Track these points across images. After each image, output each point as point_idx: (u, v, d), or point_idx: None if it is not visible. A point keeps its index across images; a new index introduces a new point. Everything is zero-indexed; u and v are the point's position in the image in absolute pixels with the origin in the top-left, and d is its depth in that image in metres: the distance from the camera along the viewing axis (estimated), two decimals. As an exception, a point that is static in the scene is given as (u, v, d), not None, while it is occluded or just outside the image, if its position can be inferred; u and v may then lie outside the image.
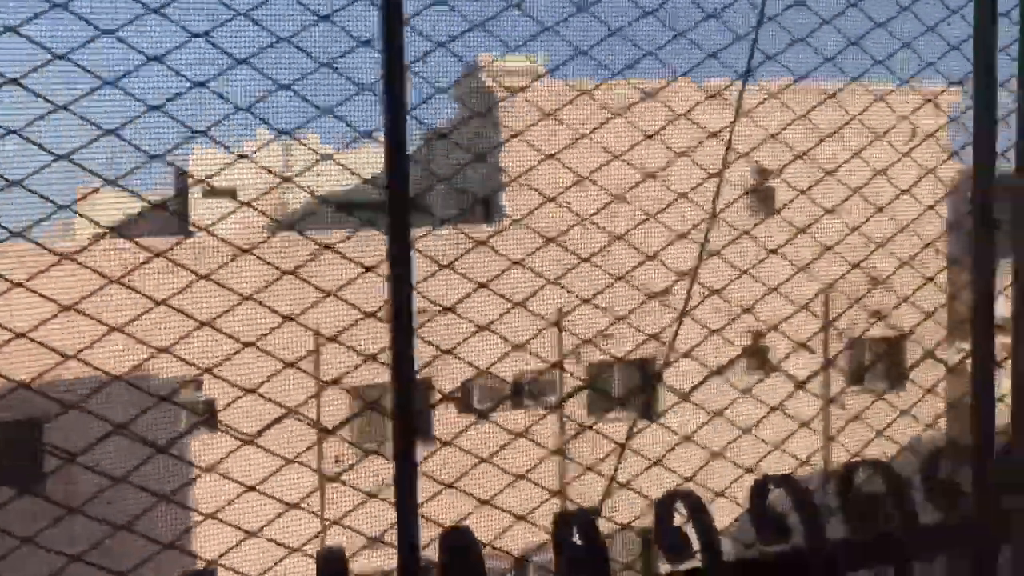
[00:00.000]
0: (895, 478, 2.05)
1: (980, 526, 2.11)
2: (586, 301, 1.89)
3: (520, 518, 1.89)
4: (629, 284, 2.40)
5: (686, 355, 2.17)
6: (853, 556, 1.98)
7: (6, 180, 1.20)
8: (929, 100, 2.56)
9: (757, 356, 14.61)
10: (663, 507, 1.92)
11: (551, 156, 1.71)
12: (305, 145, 1.96)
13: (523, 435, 1.91)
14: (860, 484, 2.14)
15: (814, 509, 1.95)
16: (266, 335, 1.57)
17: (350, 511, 1.76)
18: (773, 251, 2.23)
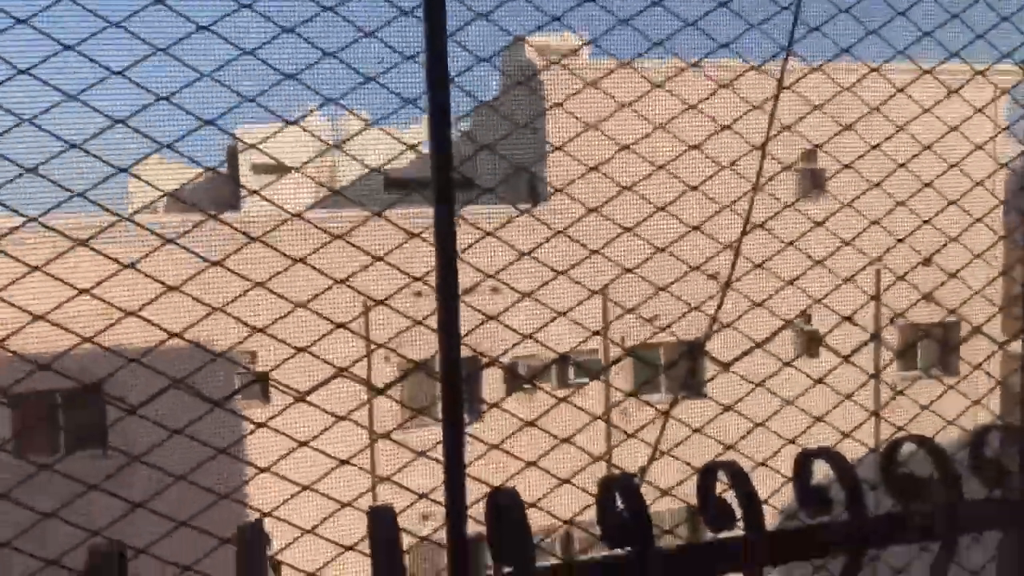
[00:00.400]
0: (940, 454, 2.03)
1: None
2: (630, 270, 1.90)
3: (564, 481, 1.91)
4: (675, 257, 2.39)
5: (728, 326, 2.18)
6: (895, 530, 1.96)
7: (67, 143, 1.25)
8: (979, 73, 2.49)
9: (806, 336, 14.39)
10: (706, 476, 1.92)
11: (591, 126, 1.72)
12: (354, 114, 1.99)
13: (567, 400, 1.93)
14: (905, 460, 2.10)
15: (856, 482, 1.93)
16: (317, 296, 1.61)
17: (401, 468, 1.80)
18: (819, 223, 2.22)
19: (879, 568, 2.17)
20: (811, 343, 14.07)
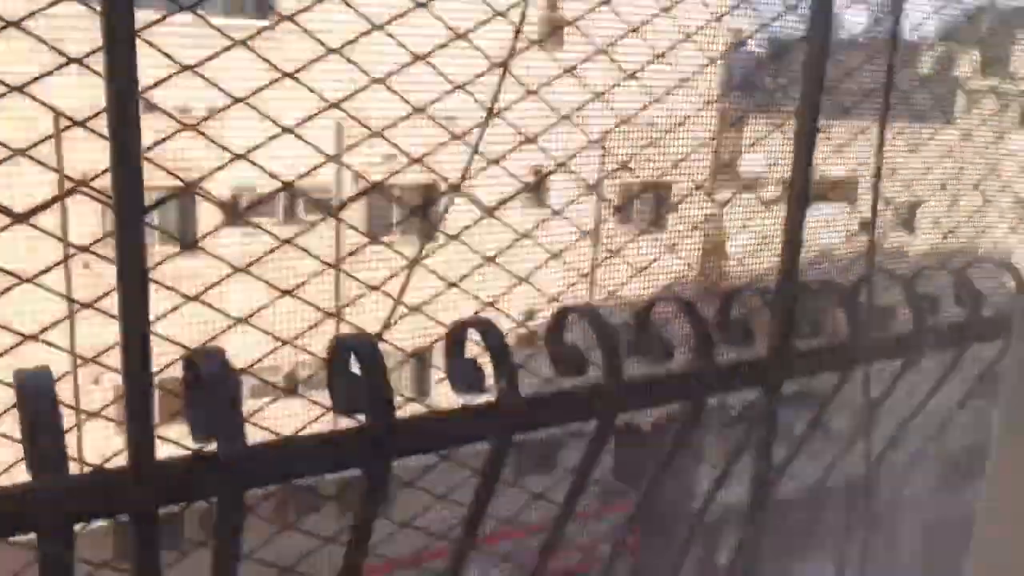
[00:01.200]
0: (696, 315, 1.97)
1: (772, 362, 2.09)
2: (378, 80, 1.52)
3: (286, 342, 1.56)
4: (436, 69, 2.02)
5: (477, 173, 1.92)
6: (649, 392, 1.87)
7: None
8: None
9: (536, 192, 14.74)
10: (456, 337, 1.67)
11: None
12: None
13: (291, 242, 1.54)
14: (657, 322, 2.05)
15: (615, 342, 1.80)
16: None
17: (57, 322, 1.35)
18: (570, 69, 1.93)
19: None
20: (540, 194, 14.39)
